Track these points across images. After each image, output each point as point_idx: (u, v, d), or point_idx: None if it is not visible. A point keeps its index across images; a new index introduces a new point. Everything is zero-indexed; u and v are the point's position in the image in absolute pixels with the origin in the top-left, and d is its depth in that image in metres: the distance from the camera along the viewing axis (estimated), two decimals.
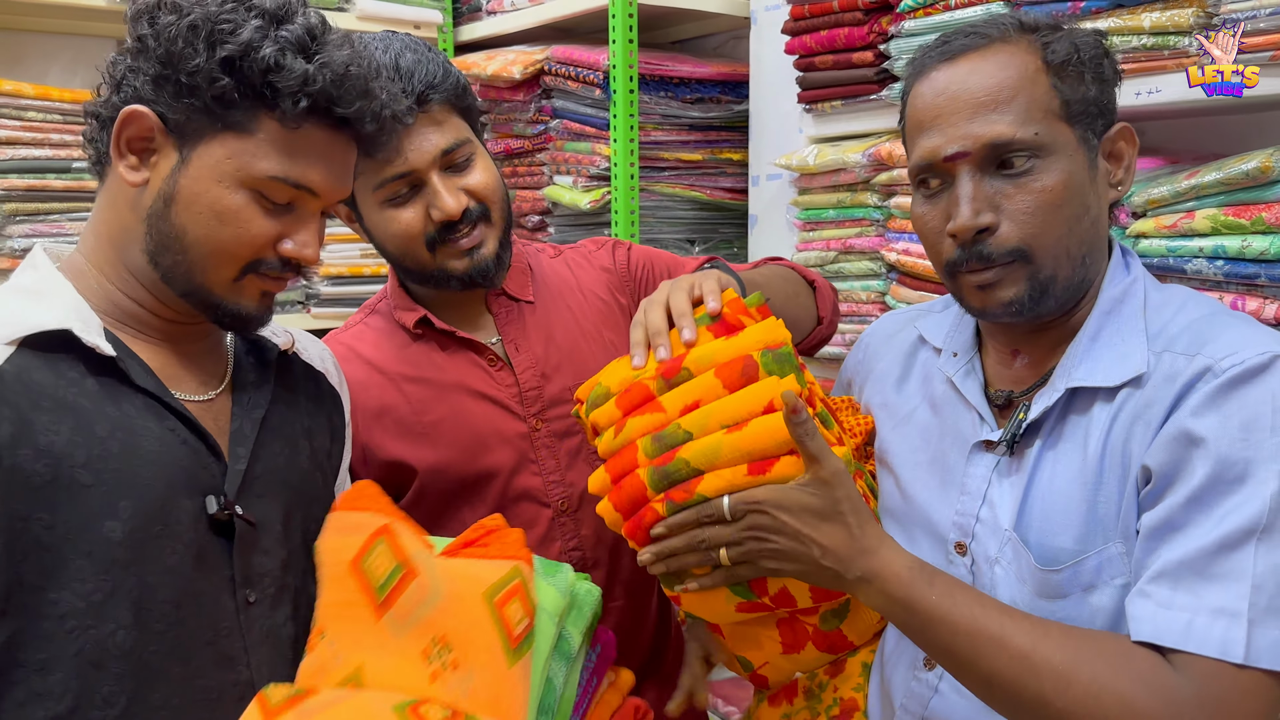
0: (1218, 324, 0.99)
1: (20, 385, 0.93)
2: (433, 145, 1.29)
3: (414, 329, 1.41)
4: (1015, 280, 1.02)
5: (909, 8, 1.90)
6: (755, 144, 2.40)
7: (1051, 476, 1.03)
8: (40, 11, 2.35)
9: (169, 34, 0.97)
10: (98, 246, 1.05)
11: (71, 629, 0.93)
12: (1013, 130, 0.99)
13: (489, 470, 1.38)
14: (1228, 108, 1.69)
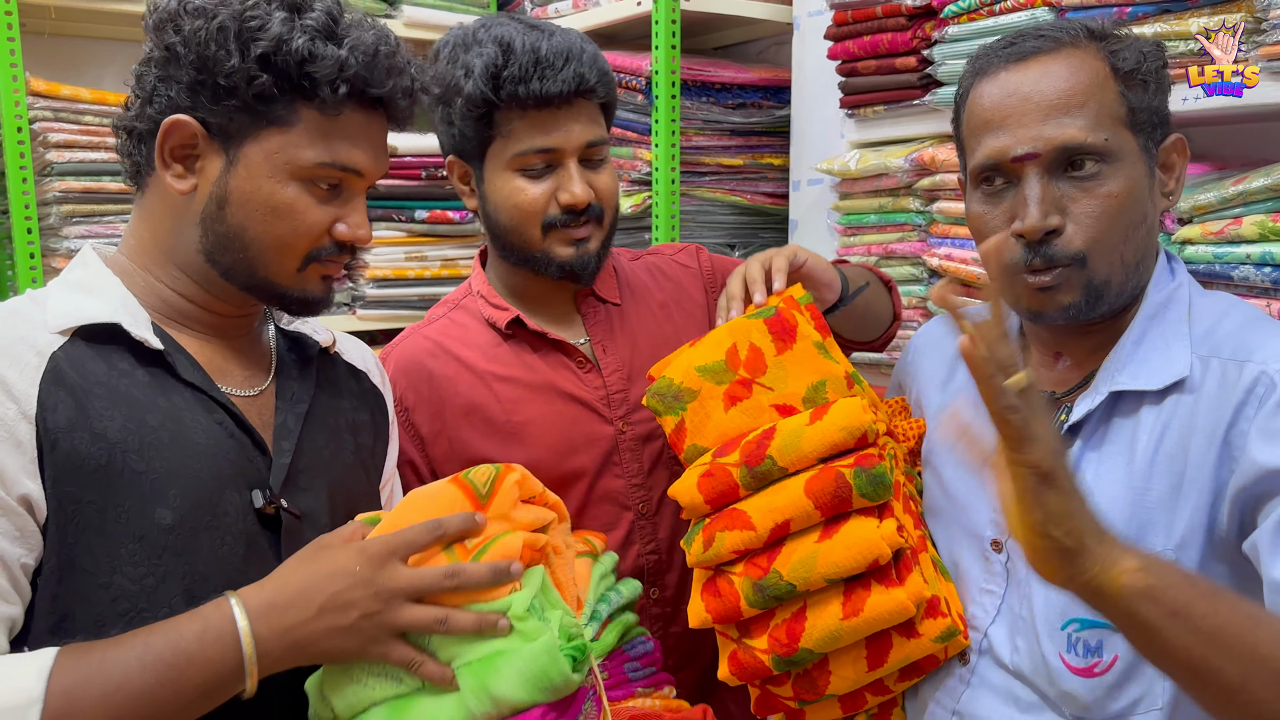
0: (1263, 330, 1.00)
1: (75, 372, 0.96)
2: (583, 133, 1.33)
3: (505, 329, 1.42)
4: (1073, 286, 1.02)
5: (953, 13, 1.90)
6: (796, 149, 2.40)
7: (1095, 478, 1.03)
8: (97, 18, 2.41)
9: (199, 39, 0.99)
10: (141, 247, 1.08)
11: (124, 611, 0.96)
12: (1084, 134, 1.00)
13: (575, 472, 1.39)
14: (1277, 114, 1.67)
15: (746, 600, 1.09)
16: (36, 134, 2.23)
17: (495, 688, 0.95)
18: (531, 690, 0.95)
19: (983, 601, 1.11)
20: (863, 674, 1.10)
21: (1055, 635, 1.03)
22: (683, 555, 1.42)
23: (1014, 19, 1.79)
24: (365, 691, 0.98)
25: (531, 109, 1.30)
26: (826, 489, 1.06)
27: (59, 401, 0.94)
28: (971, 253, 1.90)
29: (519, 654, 0.96)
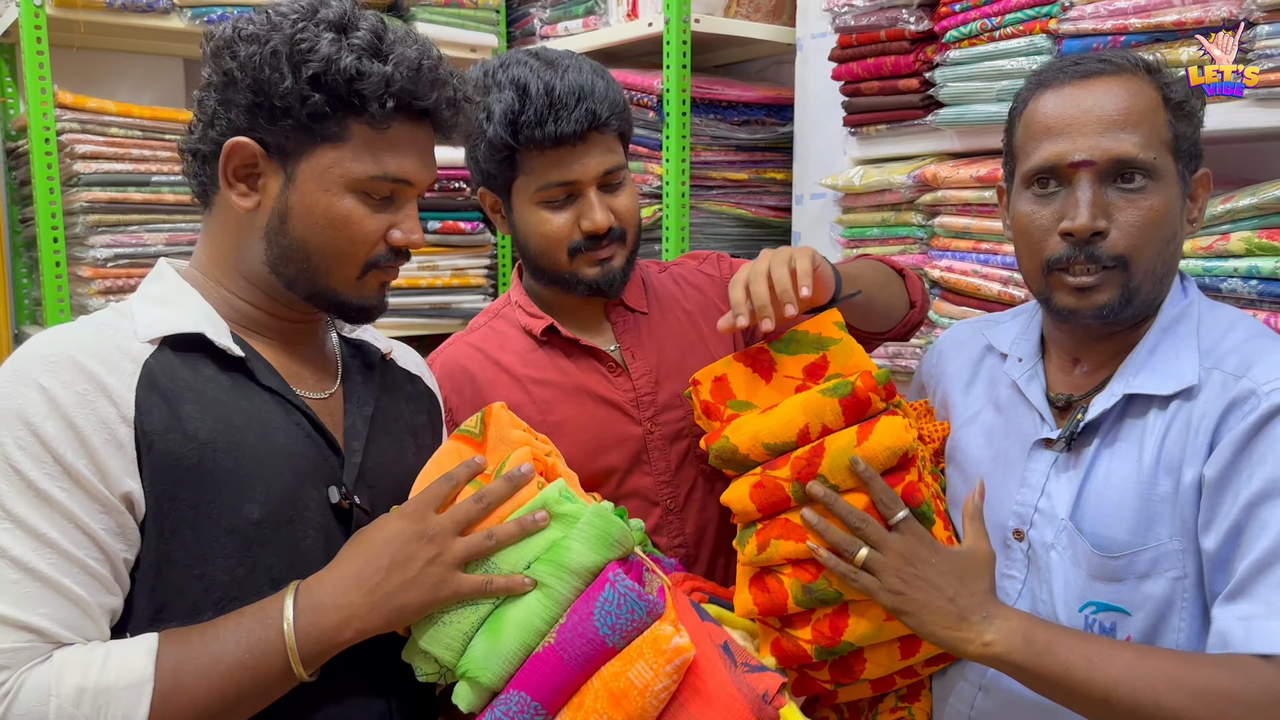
0: (1262, 347, 1.09)
1: (167, 378, 1.02)
2: (599, 164, 1.40)
3: (540, 335, 1.50)
4: (1112, 286, 1.12)
5: (955, 38, 1.99)
6: (799, 164, 2.49)
7: (1108, 473, 1.12)
8: (123, 33, 2.47)
9: (254, 63, 1.04)
10: (212, 261, 1.13)
11: (216, 600, 1.02)
12: (1137, 150, 1.09)
13: (607, 469, 1.47)
14: (1264, 135, 1.78)
15: (794, 599, 1.17)
16: (64, 145, 2.28)
17: (571, 562, 1.03)
18: (602, 549, 1.04)
19: (1005, 586, 1.19)
20: (896, 662, 1.19)
21: (1074, 617, 1.12)
22: (708, 549, 1.51)
23: (1013, 44, 1.89)
24: (454, 627, 1.05)
25: (549, 148, 1.38)
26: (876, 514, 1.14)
27: (154, 405, 1.00)
28: (970, 264, 1.99)
29: (578, 527, 1.04)
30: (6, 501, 0.94)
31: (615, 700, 0.99)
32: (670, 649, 0.99)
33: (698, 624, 1.08)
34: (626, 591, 1.00)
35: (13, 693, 0.90)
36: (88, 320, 1.07)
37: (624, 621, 1.00)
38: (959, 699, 1.22)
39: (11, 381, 0.97)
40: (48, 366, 0.97)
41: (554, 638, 1.02)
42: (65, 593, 0.94)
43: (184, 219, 2.43)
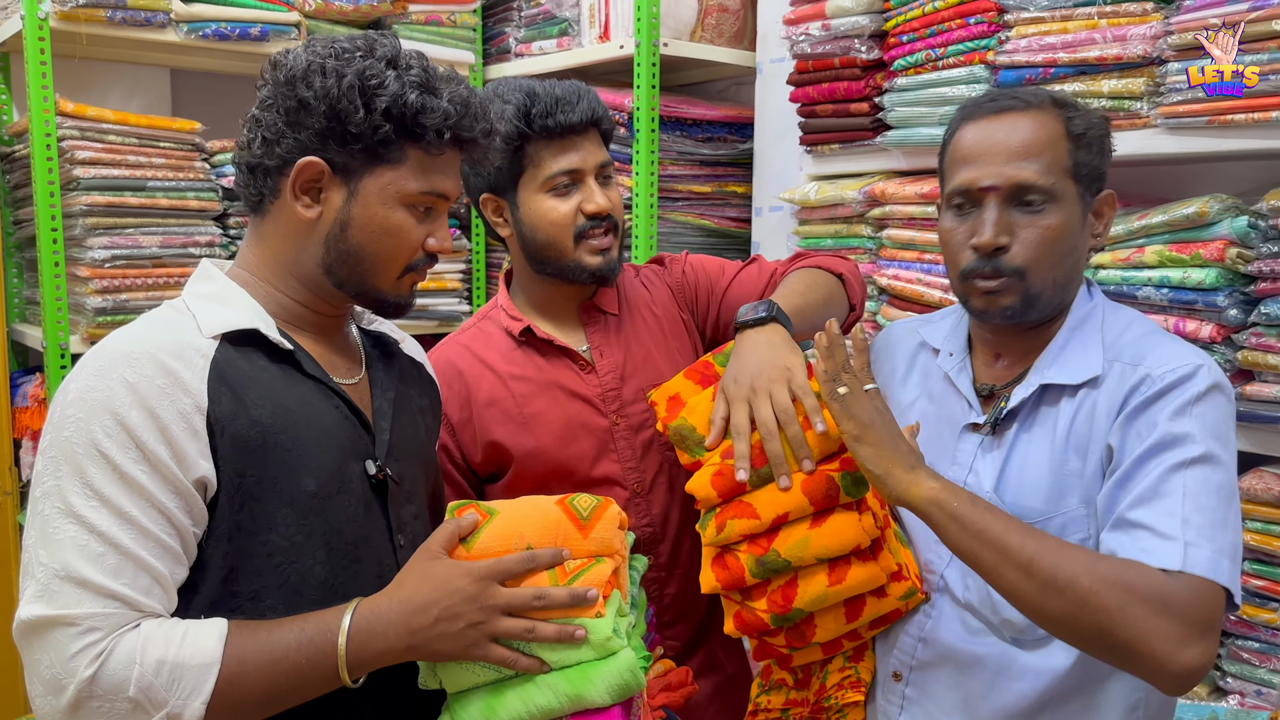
0: (1154, 341, 1.26)
1: (231, 370, 1.13)
2: (596, 154, 1.58)
3: (519, 336, 1.63)
4: (1013, 292, 1.27)
5: (902, 67, 2.17)
6: (758, 179, 2.65)
7: (1026, 453, 1.28)
8: (122, 45, 2.56)
9: (332, 95, 1.16)
10: (261, 263, 1.24)
11: (279, 564, 1.13)
12: (1036, 177, 1.24)
13: (576, 456, 1.60)
14: (1175, 160, 1.97)
15: (750, 572, 1.30)
16: (64, 151, 2.37)
17: (586, 694, 1.15)
18: (614, 697, 1.16)
19: (939, 550, 1.34)
20: (842, 626, 1.33)
21: None
22: (673, 528, 1.64)
23: (954, 74, 2.06)
24: (468, 675, 1.17)
25: (557, 138, 1.54)
26: (819, 489, 1.28)
27: (223, 395, 1.10)
28: (915, 273, 2.16)
29: (608, 667, 1.15)
30: (94, 482, 1.04)
31: None
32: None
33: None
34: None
35: (106, 654, 1.01)
36: (154, 319, 1.17)
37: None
38: (901, 650, 1.36)
39: (98, 375, 1.07)
40: (130, 363, 1.07)
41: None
42: (143, 564, 1.04)
43: (176, 222, 2.53)
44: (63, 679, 1.00)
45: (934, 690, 1.32)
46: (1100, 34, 1.85)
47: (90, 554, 1.02)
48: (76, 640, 1.00)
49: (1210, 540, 1.11)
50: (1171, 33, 1.74)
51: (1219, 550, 1.11)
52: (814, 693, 1.41)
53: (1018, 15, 1.96)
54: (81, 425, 1.05)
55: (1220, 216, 1.72)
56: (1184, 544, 1.10)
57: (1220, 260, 1.70)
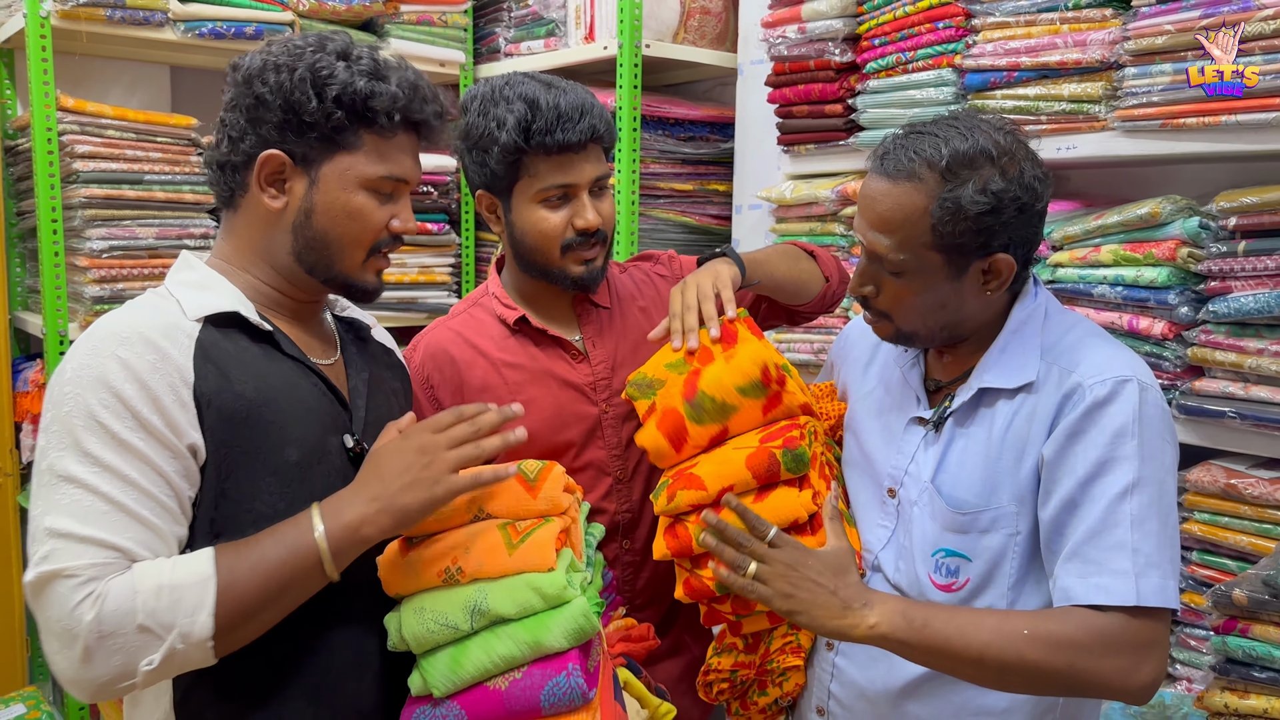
0: (1091, 346, 1.29)
1: (215, 349, 1.19)
2: (592, 170, 1.57)
3: (513, 325, 1.66)
4: (885, 328, 1.35)
5: (874, 70, 2.20)
6: (739, 178, 2.69)
7: (963, 449, 1.32)
8: (121, 42, 2.61)
9: (285, 88, 1.21)
10: (237, 252, 1.30)
11: (263, 529, 1.17)
12: (887, 252, 1.27)
13: (566, 442, 1.63)
14: (1130, 162, 2.00)
15: (697, 541, 1.35)
16: (64, 145, 2.42)
17: (544, 641, 1.20)
18: (571, 640, 1.21)
19: (877, 533, 1.40)
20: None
21: (927, 560, 1.33)
22: (650, 515, 1.68)
23: (923, 77, 2.10)
24: (432, 635, 1.22)
25: (555, 154, 1.54)
26: (762, 464, 1.34)
27: (208, 371, 1.16)
28: None
29: (563, 614, 1.21)
30: (94, 450, 1.09)
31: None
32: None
33: (610, 705, 1.27)
34: (574, 687, 1.18)
35: (102, 596, 1.05)
36: (140, 304, 1.23)
37: (562, 703, 1.19)
38: None
39: (91, 354, 1.13)
40: (121, 342, 1.13)
41: (505, 684, 1.20)
42: (145, 522, 1.10)
43: (172, 214, 2.58)
44: (72, 628, 1.05)
45: (862, 661, 1.37)
46: (1062, 39, 1.88)
47: (94, 512, 1.08)
48: (78, 590, 1.05)
49: (1157, 566, 1.18)
50: (1129, 38, 1.78)
51: (1165, 574, 1.18)
52: (760, 656, 1.46)
53: (984, 20, 2.00)
54: (79, 400, 1.10)
55: (1172, 217, 1.76)
56: (1135, 578, 1.16)
57: (1172, 259, 1.74)
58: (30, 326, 2.74)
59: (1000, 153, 1.24)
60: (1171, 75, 1.73)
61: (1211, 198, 1.72)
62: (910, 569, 1.34)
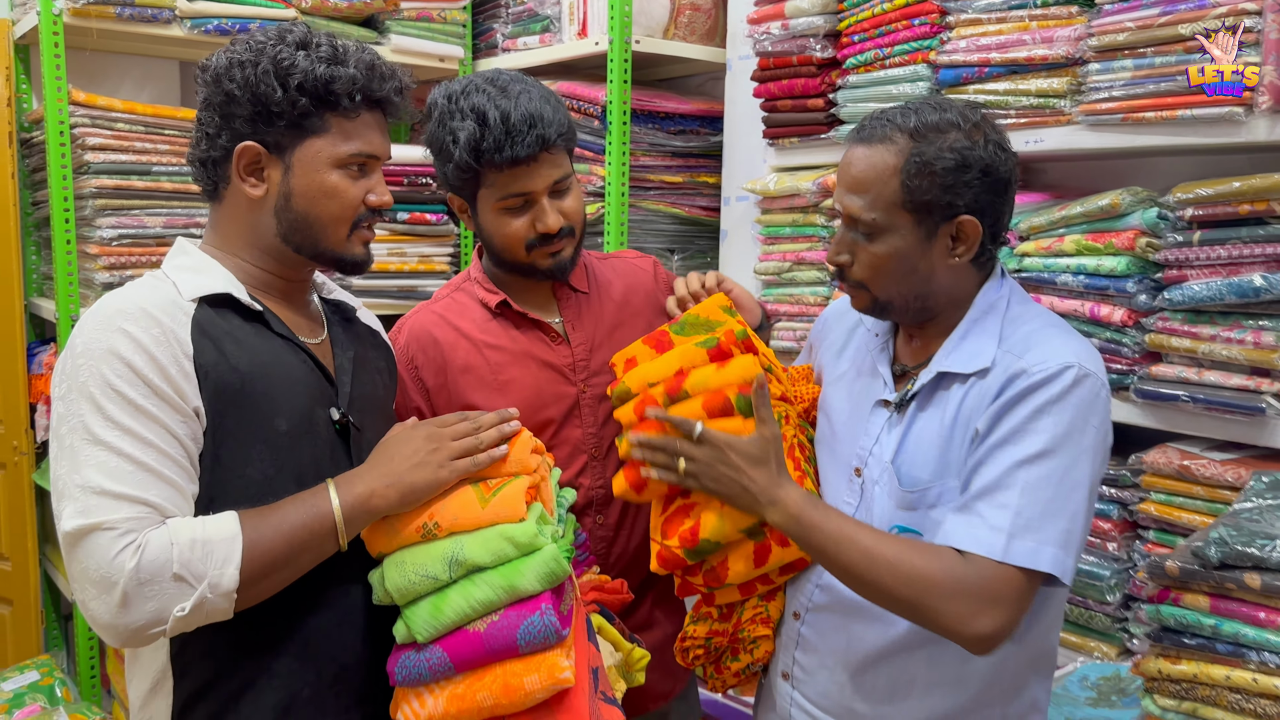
0: (1042, 336, 1.34)
1: (211, 326, 1.27)
2: (549, 176, 1.60)
3: (495, 308, 1.73)
4: (861, 300, 1.40)
5: (853, 65, 2.26)
6: (727, 170, 2.75)
7: (921, 431, 1.38)
8: (129, 39, 2.69)
9: (251, 82, 1.28)
10: (226, 238, 1.37)
11: (254, 495, 1.26)
12: (861, 212, 1.34)
13: (545, 421, 1.69)
14: (1095, 155, 2.06)
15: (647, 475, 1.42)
16: (76, 138, 2.50)
17: (518, 585, 1.28)
18: (543, 583, 1.29)
19: (844, 509, 1.43)
20: (751, 569, 1.44)
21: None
22: None
23: (899, 72, 2.16)
24: (414, 587, 1.30)
25: (507, 168, 1.58)
26: (716, 404, 1.39)
27: (205, 346, 1.24)
28: None
29: (535, 559, 1.30)
30: (114, 416, 1.17)
31: (505, 690, 1.26)
32: (560, 678, 1.26)
33: (584, 644, 1.35)
34: (547, 625, 1.26)
35: (142, 547, 1.14)
36: (140, 284, 1.30)
37: (537, 641, 1.27)
38: (803, 594, 1.48)
39: (100, 329, 1.21)
40: (127, 317, 1.21)
41: (483, 626, 1.28)
42: (165, 479, 1.18)
43: (179, 204, 2.66)
44: (111, 576, 1.13)
45: (824, 629, 1.44)
46: (1030, 35, 1.94)
47: (120, 472, 1.16)
48: (117, 541, 1.14)
49: (1037, 532, 1.24)
50: (1092, 35, 1.83)
51: (1043, 540, 1.24)
52: (732, 625, 1.54)
53: (958, 17, 2.05)
54: (93, 370, 1.19)
55: (1132, 208, 1.81)
56: (1008, 536, 1.23)
57: (1131, 249, 1.79)
58: (44, 311, 2.83)
59: (966, 122, 1.33)
60: (1133, 71, 1.78)
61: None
62: None
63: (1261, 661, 1.25)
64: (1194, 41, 1.70)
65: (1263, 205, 1.64)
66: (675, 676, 1.81)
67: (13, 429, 2.87)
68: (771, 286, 2.53)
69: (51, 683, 2.43)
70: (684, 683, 1.86)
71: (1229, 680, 1.28)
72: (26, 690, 2.40)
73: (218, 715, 1.28)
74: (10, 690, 2.40)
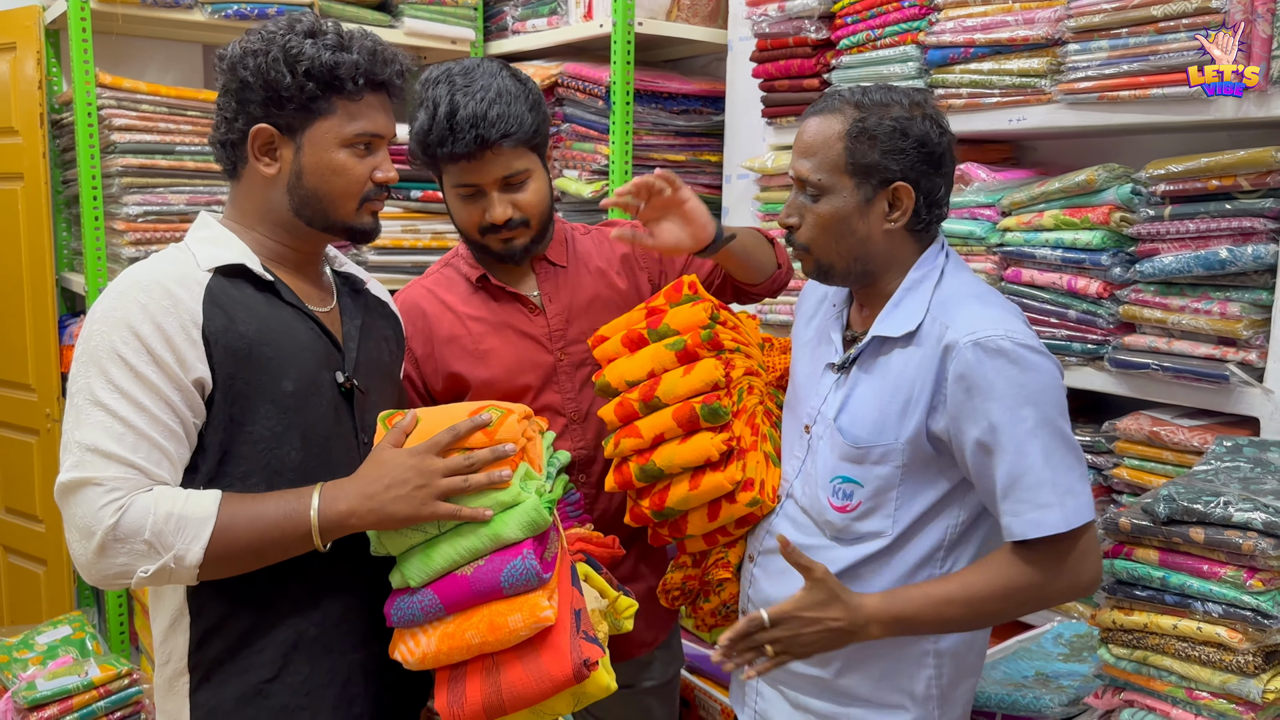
0: (968, 307, 1.40)
1: (224, 295, 1.36)
2: (496, 171, 1.67)
3: (475, 282, 1.82)
4: (806, 263, 1.49)
5: (846, 46, 2.31)
6: (729, 149, 2.81)
7: (861, 392, 1.47)
8: (154, 24, 2.78)
9: (262, 69, 1.38)
10: (244, 213, 1.46)
11: (262, 451, 1.35)
12: (809, 173, 1.43)
13: (523, 387, 1.79)
14: (1074, 133, 2.11)
15: (635, 477, 1.57)
16: (103, 119, 2.60)
17: (502, 533, 1.37)
18: (526, 531, 1.37)
19: (793, 462, 1.56)
20: (706, 523, 1.56)
21: (826, 485, 1.47)
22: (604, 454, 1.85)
23: (890, 53, 2.21)
24: (404, 539, 1.39)
25: (451, 162, 1.66)
26: (684, 415, 1.52)
27: (215, 314, 1.32)
28: None
29: (518, 509, 1.37)
30: (116, 379, 1.27)
31: (491, 628, 1.34)
32: (541, 616, 1.34)
33: (567, 588, 1.43)
34: (528, 569, 1.34)
35: (125, 508, 1.24)
36: (162, 256, 1.40)
37: (520, 584, 1.35)
38: (757, 539, 1.58)
39: (118, 298, 1.31)
40: (142, 289, 1.31)
41: (470, 570, 1.36)
42: (154, 443, 1.28)
43: (202, 182, 2.76)
44: (92, 526, 1.24)
45: (772, 571, 1.54)
46: (1013, 16, 1.99)
47: (114, 433, 1.26)
48: (103, 496, 1.24)
49: (1071, 491, 1.33)
50: (1071, 16, 1.88)
51: (1079, 492, 1.35)
52: (701, 570, 1.68)
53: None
54: (105, 336, 1.28)
55: (1107, 184, 1.87)
56: (1059, 507, 1.33)
57: (1106, 223, 1.84)
58: (74, 285, 2.94)
59: (908, 100, 1.43)
60: (1109, 51, 1.83)
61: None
62: (813, 493, 1.49)
63: (1205, 611, 1.32)
64: (1166, 23, 1.75)
65: (1229, 180, 1.69)
66: (659, 627, 1.90)
67: (45, 397, 3.00)
68: None
69: (83, 636, 2.55)
70: (667, 632, 1.95)
71: (1176, 629, 1.35)
72: (59, 643, 2.53)
73: (231, 650, 1.38)
74: (44, 644, 2.53)
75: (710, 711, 2.36)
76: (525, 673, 1.34)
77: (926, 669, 1.47)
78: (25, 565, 3.20)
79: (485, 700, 1.35)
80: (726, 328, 1.61)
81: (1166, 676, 1.37)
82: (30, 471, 3.09)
